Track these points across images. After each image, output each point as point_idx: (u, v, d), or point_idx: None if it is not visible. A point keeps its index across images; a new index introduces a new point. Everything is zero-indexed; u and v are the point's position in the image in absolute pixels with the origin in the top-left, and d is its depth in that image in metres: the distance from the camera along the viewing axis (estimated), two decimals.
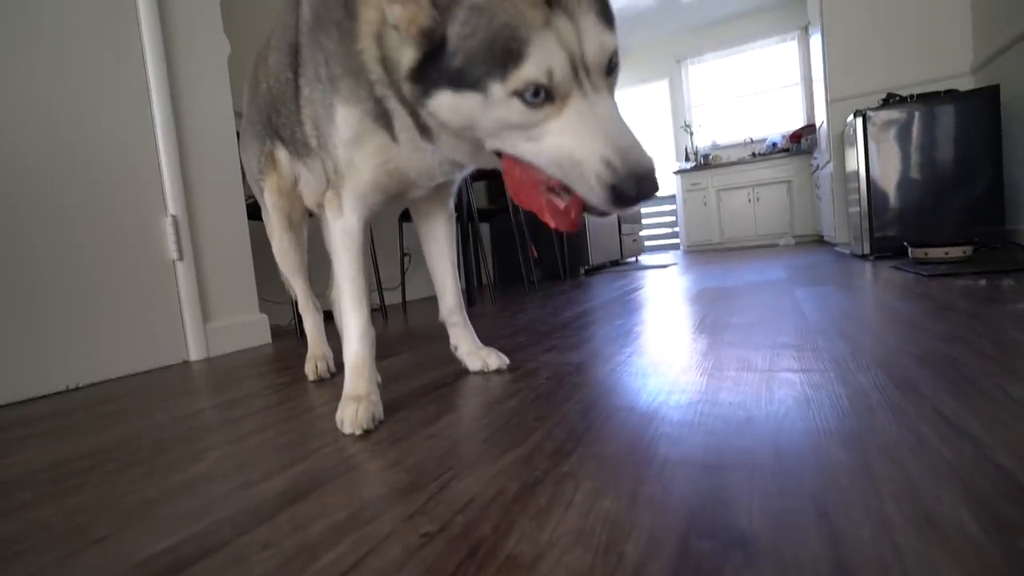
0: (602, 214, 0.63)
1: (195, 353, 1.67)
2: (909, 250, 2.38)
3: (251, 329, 1.87)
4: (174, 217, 1.64)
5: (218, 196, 1.80)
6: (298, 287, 1.25)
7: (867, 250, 2.87)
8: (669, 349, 1.13)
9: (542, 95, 0.56)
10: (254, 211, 1.90)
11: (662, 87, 7.16)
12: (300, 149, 0.96)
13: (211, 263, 1.75)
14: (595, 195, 0.58)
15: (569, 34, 0.55)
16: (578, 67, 0.56)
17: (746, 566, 0.38)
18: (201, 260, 1.72)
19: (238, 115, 1.84)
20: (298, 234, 1.20)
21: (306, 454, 0.71)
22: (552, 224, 0.67)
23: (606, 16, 0.58)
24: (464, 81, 0.58)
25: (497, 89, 0.56)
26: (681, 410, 0.73)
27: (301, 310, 1.27)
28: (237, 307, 1.84)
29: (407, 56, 0.61)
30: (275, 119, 1.00)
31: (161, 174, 1.63)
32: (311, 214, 1.25)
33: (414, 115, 0.69)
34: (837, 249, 3.76)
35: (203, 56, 1.79)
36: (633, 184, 0.56)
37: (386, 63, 0.66)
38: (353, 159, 0.78)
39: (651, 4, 5.89)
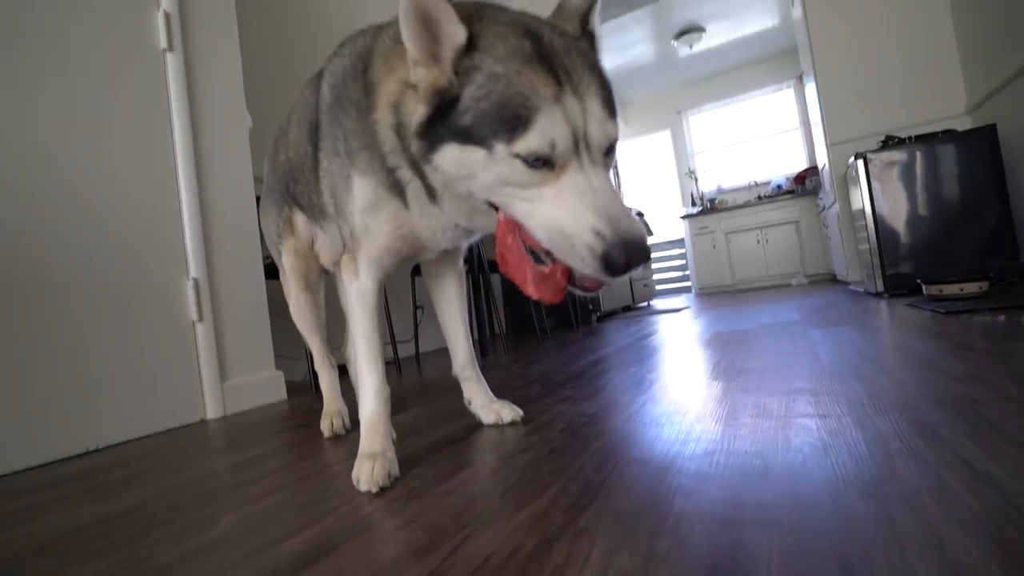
0: (586, 290, 0.65)
1: (212, 411, 1.68)
2: (923, 287, 2.36)
3: (267, 386, 1.89)
4: (195, 280, 1.70)
5: (237, 258, 1.87)
6: (314, 346, 1.28)
7: (880, 288, 2.85)
8: (684, 396, 1.12)
9: (542, 161, 0.60)
10: (271, 270, 1.96)
11: (664, 137, 7.38)
12: (317, 214, 1.01)
13: (229, 323, 1.80)
14: (586, 265, 0.60)
15: (575, 112, 0.60)
16: (580, 142, 0.60)
17: None
18: (220, 320, 1.77)
19: (258, 180, 1.94)
20: (314, 294, 1.24)
21: (322, 514, 0.71)
22: (536, 295, 0.69)
23: (610, 105, 0.63)
24: (471, 138, 0.62)
25: (501, 148, 0.60)
26: (697, 461, 0.72)
27: (317, 368, 1.29)
28: (254, 365, 1.87)
29: (419, 112, 0.65)
30: (293, 187, 1.06)
31: (184, 238, 1.71)
32: (327, 273, 1.29)
33: (422, 177, 0.73)
34: (851, 288, 3.73)
35: (227, 128, 1.90)
36: (622, 252, 0.58)
37: (400, 130, 0.71)
38: (369, 225, 0.82)
39: (650, 60, 6.17)
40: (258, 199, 1.62)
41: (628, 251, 0.58)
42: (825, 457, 0.67)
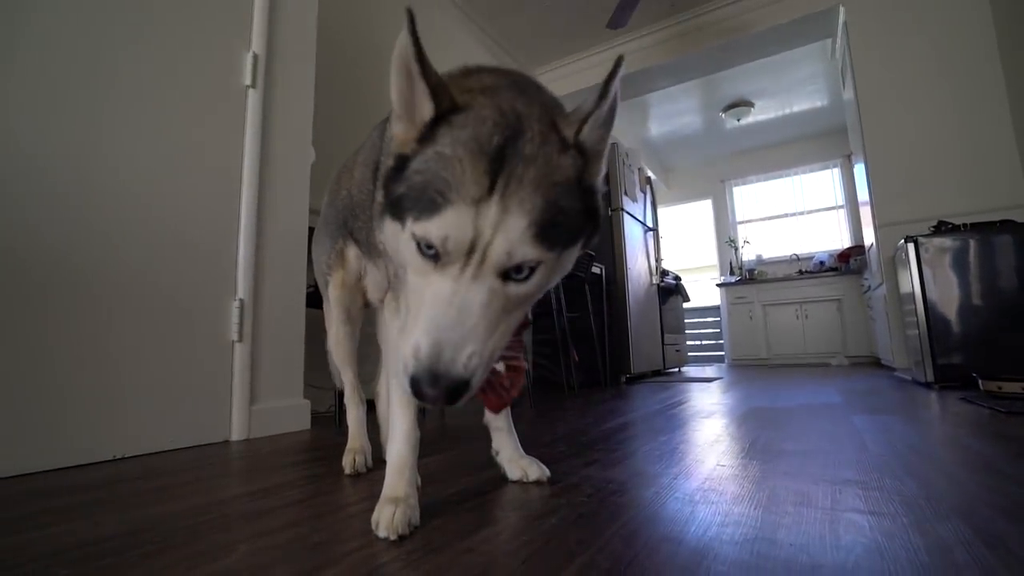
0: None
1: (237, 433, 1.69)
2: (980, 382, 2.22)
3: (293, 413, 1.90)
4: (241, 301, 1.75)
5: (283, 285, 1.93)
6: (347, 379, 1.28)
7: (930, 378, 2.70)
8: (718, 474, 1.07)
9: (434, 252, 0.57)
10: (311, 299, 2.01)
11: (706, 205, 7.41)
12: (371, 251, 1.04)
13: (267, 346, 1.83)
14: (402, 375, 0.57)
15: (488, 221, 0.54)
16: (476, 251, 0.55)
17: None
18: (258, 343, 1.81)
19: (312, 212, 2.02)
20: (354, 328, 1.26)
21: (337, 557, 0.69)
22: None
23: (542, 231, 0.55)
24: (397, 209, 0.60)
25: (409, 224, 0.58)
26: (736, 547, 0.67)
27: (346, 401, 1.29)
28: (283, 391, 1.88)
29: (386, 165, 0.64)
30: (351, 222, 1.10)
31: (237, 260, 1.78)
32: (367, 306, 1.31)
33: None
34: (896, 374, 3.54)
35: (292, 161, 2.01)
36: (424, 384, 0.55)
37: None
38: None
39: (697, 129, 6.29)
40: (311, 230, 1.69)
41: (428, 386, 0.54)
42: (881, 561, 0.62)
